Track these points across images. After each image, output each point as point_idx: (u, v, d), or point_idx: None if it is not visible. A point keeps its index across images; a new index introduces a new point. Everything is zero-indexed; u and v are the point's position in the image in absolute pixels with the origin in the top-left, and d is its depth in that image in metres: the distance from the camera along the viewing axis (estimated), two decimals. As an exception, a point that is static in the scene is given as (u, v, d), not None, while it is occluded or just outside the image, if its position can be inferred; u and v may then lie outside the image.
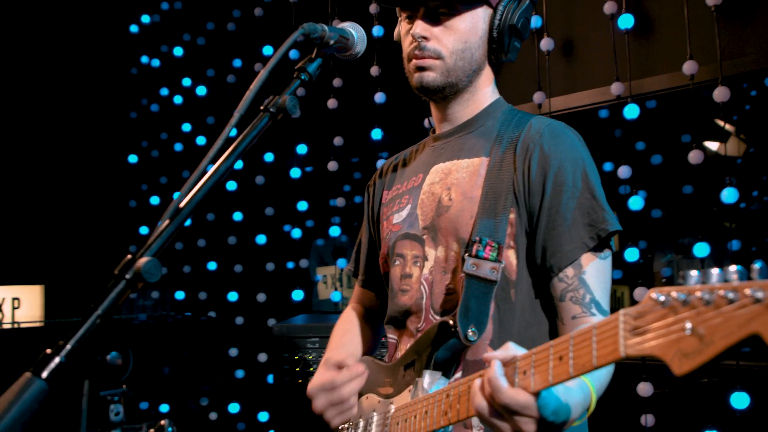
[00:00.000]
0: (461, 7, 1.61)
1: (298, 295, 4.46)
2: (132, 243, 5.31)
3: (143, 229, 5.29)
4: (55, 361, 0.89)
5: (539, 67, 3.64)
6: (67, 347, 0.91)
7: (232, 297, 4.68)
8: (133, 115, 5.43)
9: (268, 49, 4.70)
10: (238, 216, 4.78)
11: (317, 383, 1.68)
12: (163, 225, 1.04)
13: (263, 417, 4.51)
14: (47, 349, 0.90)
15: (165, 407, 4.99)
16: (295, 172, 4.53)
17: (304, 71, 1.33)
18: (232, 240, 4.79)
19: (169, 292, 5.21)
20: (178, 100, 5.20)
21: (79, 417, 0.93)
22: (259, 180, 4.69)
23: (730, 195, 2.92)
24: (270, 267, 4.65)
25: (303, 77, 1.34)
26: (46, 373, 0.88)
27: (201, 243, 4.99)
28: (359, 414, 1.72)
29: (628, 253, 3.30)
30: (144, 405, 5.07)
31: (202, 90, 5.05)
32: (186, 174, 5.18)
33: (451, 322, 1.49)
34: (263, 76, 1.19)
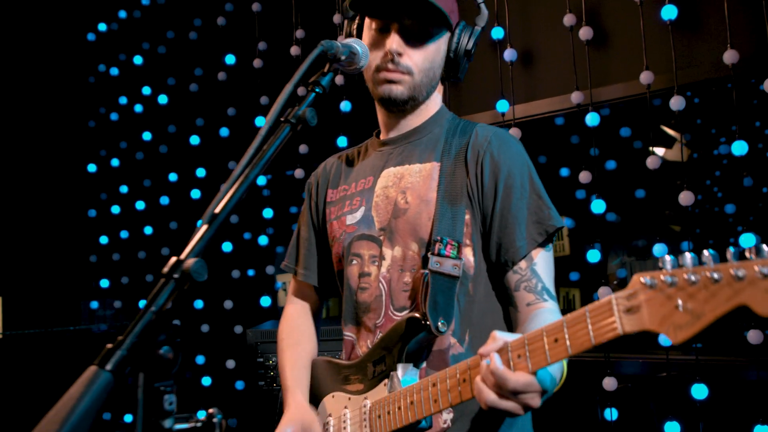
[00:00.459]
0: (432, 29, 1.77)
1: (266, 301, 4.50)
2: (91, 253, 5.26)
3: (103, 239, 5.25)
4: (118, 354, 0.94)
5: (502, 76, 3.77)
6: (127, 341, 0.96)
7: (198, 305, 4.68)
8: (91, 123, 5.37)
9: (230, 58, 4.73)
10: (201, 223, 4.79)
11: None
12: (202, 229, 1.11)
13: (231, 423, 4.52)
14: (108, 345, 0.96)
15: (129, 417, 4.95)
16: (260, 180, 4.57)
17: (318, 84, 1.42)
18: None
19: (133, 302, 5.18)
20: (138, 108, 5.18)
21: (135, 406, 0.98)
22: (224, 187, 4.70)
23: (687, 198, 3.08)
24: (236, 274, 4.67)
25: (318, 90, 1.42)
26: (110, 366, 0.93)
27: (165, 251, 4.98)
28: (327, 414, 1.81)
29: (590, 255, 3.45)
30: (107, 416, 5.02)
31: (163, 98, 5.04)
32: (147, 183, 5.16)
33: (417, 315, 1.62)
34: (289, 90, 1.28)
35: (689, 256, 1.06)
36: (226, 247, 4.65)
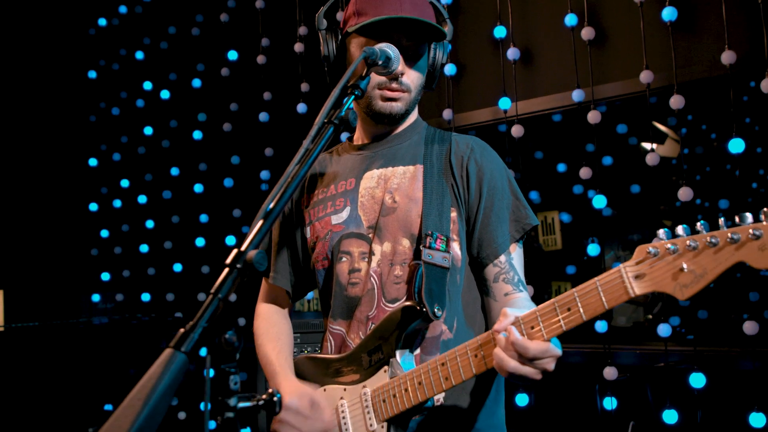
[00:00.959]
0: (424, 48, 1.91)
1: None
2: (93, 246, 5.31)
3: (104, 232, 5.30)
4: (192, 338, 1.02)
5: (504, 74, 3.86)
6: (198, 326, 1.03)
7: (201, 297, 4.74)
8: (92, 118, 5.41)
9: (233, 54, 4.79)
10: (204, 218, 4.86)
11: (286, 420, 1.78)
12: (258, 224, 1.19)
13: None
14: (181, 329, 1.03)
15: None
16: (265, 174, 4.64)
17: (357, 88, 1.54)
18: (199, 242, 4.86)
19: (135, 295, 5.22)
20: (139, 103, 5.23)
21: (203, 386, 1.06)
22: (228, 182, 4.77)
23: (686, 194, 3.18)
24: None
25: (357, 93, 1.54)
26: (185, 347, 1.01)
27: (167, 245, 5.03)
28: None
29: (590, 249, 3.55)
30: (108, 407, 5.08)
31: (165, 94, 5.09)
32: (149, 177, 5.21)
33: (411, 303, 1.73)
34: (336, 94, 1.40)
35: (681, 228, 1.28)
36: (230, 240, 4.71)
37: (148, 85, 5.18)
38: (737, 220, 1.22)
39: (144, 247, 5.14)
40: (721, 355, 3.35)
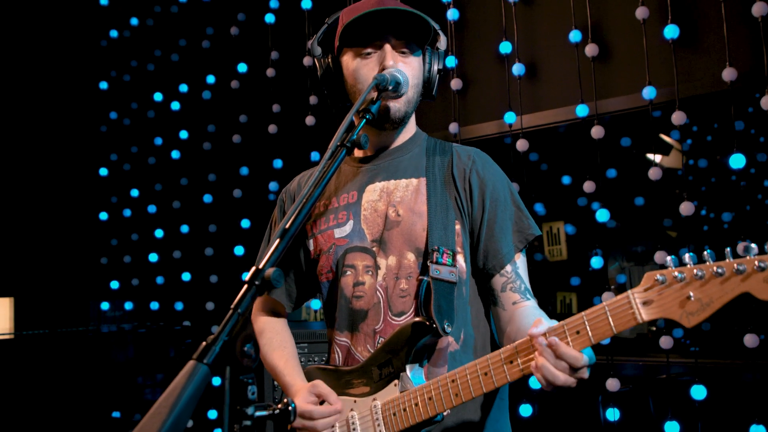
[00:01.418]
0: (413, 46, 1.89)
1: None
2: (102, 255, 5.37)
3: (113, 241, 5.37)
4: (214, 350, 1.08)
5: (509, 88, 3.92)
6: (219, 340, 1.09)
7: (209, 306, 4.80)
8: (103, 128, 5.49)
9: (242, 67, 4.86)
10: (213, 228, 4.94)
11: (297, 408, 1.83)
12: (275, 243, 1.25)
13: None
14: (203, 342, 1.09)
15: (138, 416, 5.05)
16: (273, 186, 4.70)
17: (368, 112, 1.61)
18: (208, 251, 4.92)
19: (144, 303, 5.28)
20: (150, 114, 5.31)
21: (223, 395, 1.12)
22: (237, 193, 4.83)
23: (687, 208, 3.23)
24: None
25: (368, 116, 1.60)
26: (207, 359, 1.07)
27: (176, 254, 5.09)
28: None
29: (594, 261, 3.60)
30: (116, 414, 5.14)
31: (175, 105, 5.17)
32: (158, 187, 5.29)
33: (421, 319, 1.75)
34: (350, 118, 1.47)
35: (689, 256, 1.31)
36: (238, 251, 4.77)
37: (158, 97, 5.25)
38: (742, 250, 1.26)
39: (153, 256, 5.20)
40: (722, 368, 3.39)
